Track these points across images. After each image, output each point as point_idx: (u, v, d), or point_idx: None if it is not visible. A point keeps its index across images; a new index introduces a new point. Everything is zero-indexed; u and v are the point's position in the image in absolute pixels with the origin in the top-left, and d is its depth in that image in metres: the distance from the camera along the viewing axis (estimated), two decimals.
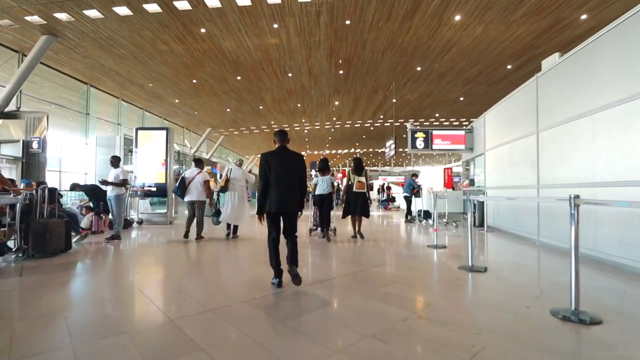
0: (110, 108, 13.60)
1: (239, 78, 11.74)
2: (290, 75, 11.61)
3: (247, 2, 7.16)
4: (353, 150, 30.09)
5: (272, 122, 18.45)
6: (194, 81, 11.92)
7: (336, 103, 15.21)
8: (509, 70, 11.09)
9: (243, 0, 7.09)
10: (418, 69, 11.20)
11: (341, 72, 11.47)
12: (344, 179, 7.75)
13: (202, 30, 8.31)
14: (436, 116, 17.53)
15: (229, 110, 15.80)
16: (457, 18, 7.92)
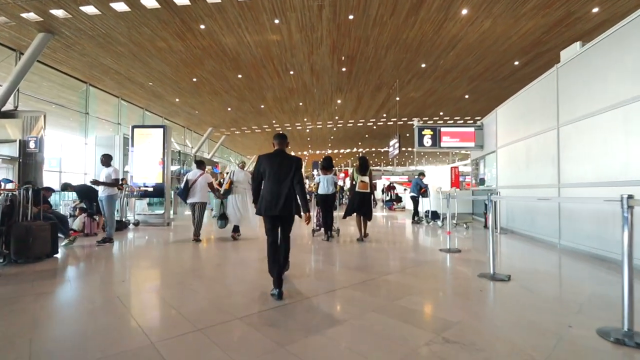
0: (110, 107, 13.39)
1: (240, 76, 11.46)
2: (291, 73, 11.31)
3: None
4: (355, 149, 29.77)
5: (274, 122, 18.12)
6: (194, 79, 11.67)
7: (339, 101, 14.89)
8: (516, 66, 10.73)
9: None
10: (423, 66, 10.86)
11: (344, 70, 11.15)
12: (347, 179, 7.45)
13: (202, 26, 8.04)
14: (440, 114, 17.19)
15: (230, 109, 15.52)
16: (464, 12, 7.59)
